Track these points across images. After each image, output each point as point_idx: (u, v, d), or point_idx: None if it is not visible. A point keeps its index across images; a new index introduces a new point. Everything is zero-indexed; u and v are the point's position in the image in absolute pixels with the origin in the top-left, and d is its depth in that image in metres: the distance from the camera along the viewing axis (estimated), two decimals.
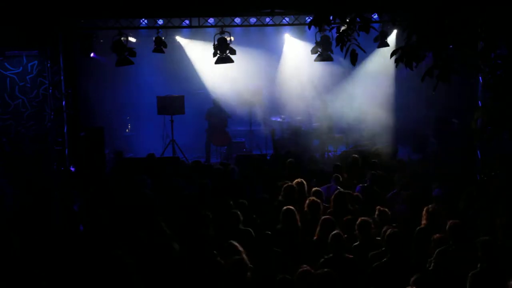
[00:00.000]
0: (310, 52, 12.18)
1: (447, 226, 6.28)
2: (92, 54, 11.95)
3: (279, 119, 14.38)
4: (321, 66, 13.16)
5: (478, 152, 11.36)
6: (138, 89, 15.03)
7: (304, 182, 8.43)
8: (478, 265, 5.62)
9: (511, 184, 8.37)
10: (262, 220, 7.75)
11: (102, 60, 13.35)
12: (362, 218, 6.69)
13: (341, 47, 5.27)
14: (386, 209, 7.38)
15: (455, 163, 11.64)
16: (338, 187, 8.61)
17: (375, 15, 11.45)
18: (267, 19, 12.09)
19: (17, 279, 5.53)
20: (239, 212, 7.13)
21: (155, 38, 12.08)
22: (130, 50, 11.73)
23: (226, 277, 5.61)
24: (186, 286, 5.89)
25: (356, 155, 10.79)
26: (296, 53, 15.44)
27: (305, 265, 5.52)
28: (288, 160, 10.34)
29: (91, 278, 5.74)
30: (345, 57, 5.26)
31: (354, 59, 5.24)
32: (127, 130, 15.48)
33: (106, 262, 5.24)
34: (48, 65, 11.65)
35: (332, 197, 7.81)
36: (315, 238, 6.78)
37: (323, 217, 6.88)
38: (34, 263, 6.02)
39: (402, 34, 8.28)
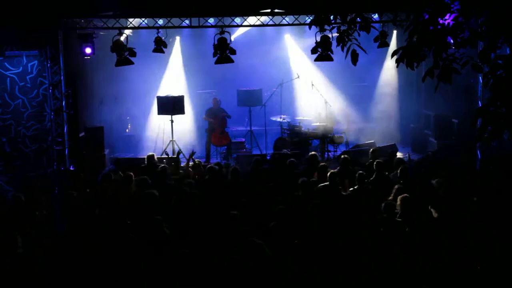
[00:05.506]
0: (310, 52, 12.17)
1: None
2: (89, 51, 11.82)
3: (279, 119, 14.35)
4: (321, 66, 13.16)
5: (478, 152, 11.37)
6: (138, 89, 15.01)
7: None
8: None
9: (510, 183, 8.39)
10: None
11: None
12: None
13: (341, 47, 5.28)
14: None
15: (455, 163, 11.63)
16: None
17: (375, 15, 11.45)
18: (267, 19, 12.08)
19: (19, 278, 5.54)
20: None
21: (155, 38, 12.05)
22: (130, 50, 11.70)
23: None
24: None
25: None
26: (296, 53, 15.46)
27: None
28: (290, 160, 10.34)
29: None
30: (346, 57, 5.26)
31: (355, 59, 5.24)
32: (127, 130, 15.47)
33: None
34: (48, 65, 11.62)
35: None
36: None
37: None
38: (35, 262, 6.03)
39: (402, 34, 8.29)
